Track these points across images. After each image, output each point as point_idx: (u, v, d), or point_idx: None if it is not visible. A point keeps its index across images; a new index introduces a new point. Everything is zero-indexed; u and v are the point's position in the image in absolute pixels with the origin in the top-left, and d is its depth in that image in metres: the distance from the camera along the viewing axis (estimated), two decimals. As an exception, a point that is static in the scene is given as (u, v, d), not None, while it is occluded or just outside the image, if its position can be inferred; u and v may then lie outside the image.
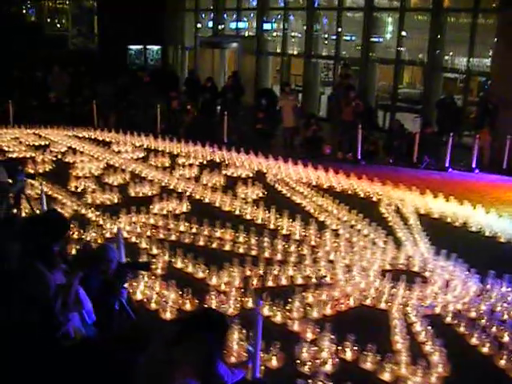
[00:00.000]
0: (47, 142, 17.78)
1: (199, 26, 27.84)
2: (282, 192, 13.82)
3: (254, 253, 10.14)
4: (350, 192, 14.05)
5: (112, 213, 11.35)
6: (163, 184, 13.77)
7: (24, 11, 26.55)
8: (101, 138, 18.50)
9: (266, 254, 10.08)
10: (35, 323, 5.19)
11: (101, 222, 11.09)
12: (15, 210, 9.49)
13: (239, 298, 8.33)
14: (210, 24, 27.79)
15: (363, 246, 10.52)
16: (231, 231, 10.80)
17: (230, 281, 8.93)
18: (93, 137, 18.73)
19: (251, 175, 15.05)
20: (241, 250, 10.25)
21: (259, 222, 11.69)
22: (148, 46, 28.34)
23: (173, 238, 10.64)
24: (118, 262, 6.50)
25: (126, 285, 6.71)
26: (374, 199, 13.62)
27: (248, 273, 9.17)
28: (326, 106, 24.13)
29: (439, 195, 13.48)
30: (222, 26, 26.83)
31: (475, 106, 20.23)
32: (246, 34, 26.54)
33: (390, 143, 17.89)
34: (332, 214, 12.18)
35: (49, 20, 26.81)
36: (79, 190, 13.14)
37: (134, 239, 10.40)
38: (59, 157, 16.11)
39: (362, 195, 13.90)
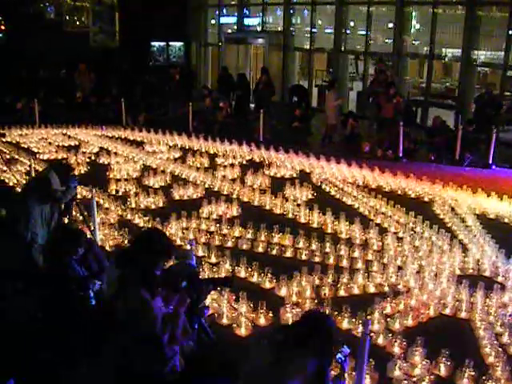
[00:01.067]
0: (77, 143, 17.13)
1: (223, 21, 27.02)
2: (331, 193, 13.20)
3: (317, 259, 9.62)
4: (399, 192, 13.40)
5: (160, 218, 10.75)
6: (206, 186, 13.08)
7: (42, 9, 25.53)
8: (132, 138, 17.85)
9: (331, 261, 9.50)
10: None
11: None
12: (66, 220, 8.83)
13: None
14: (233, 20, 27.03)
15: (428, 250, 9.97)
16: (290, 236, 10.14)
17: (300, 291, 8.30)
18: (123, 136, 18.06)
19: (295, 175, 14.39)
20: (303, 257, 9.65)
21: (315, 225, 11.03)
22: (171, 43, 27.58)
23: (229, 244, 10.02)
24: (198, 278, 5.95)
25: (206, 302, 6.16)
26: (426, 199, 13.04)
27: (317, 281, 8.66)
28: (356, 101, 23.48)
29: (489, 194, 12.91)
30: (247, 22, 26.04)
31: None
32: (272, 29, 25.73)
33: (431, 140, 17.17)
34: (388, 216, 11.65)
35: (68, 17, 25.87)
36: (120, 193, 12.44)
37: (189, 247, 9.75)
38: (93, 158, 15.39)
39: (412, 195, 13.33)
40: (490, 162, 16.49)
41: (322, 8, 24.32)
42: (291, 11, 24.74)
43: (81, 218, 9.18)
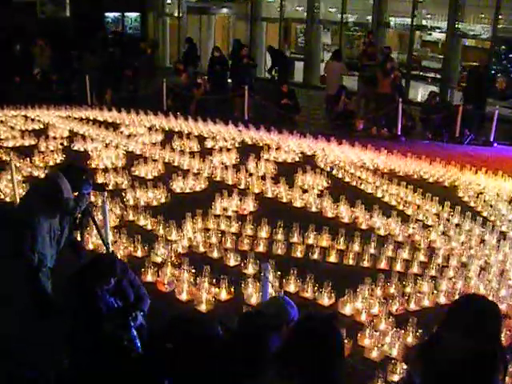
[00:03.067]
0: (42, 126, 15.10)
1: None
2: (345, 180, 11.71)
3: (366, 264, 8.29)
4: (415, 176, 12.10)
5: (165, 216, 9.21)
6: (206, 175, 11.41)
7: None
8: (101, 119, 15.82)
9: (383, 265, 8.09)
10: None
11: (161, 232, 8.98)
12: (79, 235, 7.10)
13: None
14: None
15: (478, 245, 8.93)
16: (326, 236, 8.65)
17: (366, 307, 6.93)
18: (91, 117, 16.00)
19: (297, 159, 12.86)
20: (350, 262, 8.18)
21: (345, 220, 9.61)
22: (126, 14, 25.42)
23: (261, 248, 8.42)
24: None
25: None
26: (446, 184, 11.92)
27: (379, 293, 7.40)
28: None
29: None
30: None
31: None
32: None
33: (428, 117, 15.96)
34: (417, 206, 10.45)
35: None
36: (110, 187, 10.65)
37: (215, 253, 8.22)
38: (65, 144, 13.46)
39: (429, 179, 12.11)
40: (492, 139, 15.26)
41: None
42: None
43: (95, 229, 7.42)
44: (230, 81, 18.04)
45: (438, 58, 21.69)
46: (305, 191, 10.80)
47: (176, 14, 24.96)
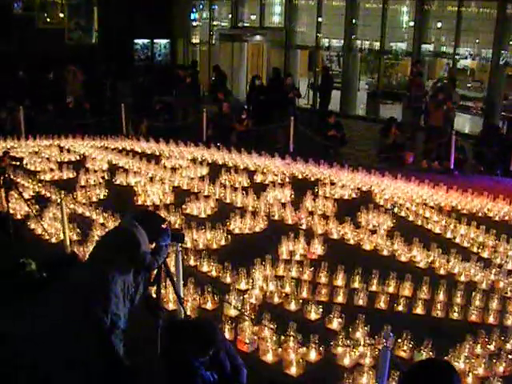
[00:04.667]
0: (78, 157, 14.38)
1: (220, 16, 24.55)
2: (409, 218, 10.92)
3: (455, 316, 7.53)
4: (480, 214, 11.27)
5: (230, 261, 8.46)
6: (263, 213, 10.63)
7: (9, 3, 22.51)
8: (139, 150, 15.09)
9: (474, 317, 7.28)
10: None
11: (228, 279, 8.30)
12: (154, 294, 6.30)
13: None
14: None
15: None
16: (407, 284, 7.87)
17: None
18: (128, 148, 15.29)
19: (356, 196, 12.10)
20: (438, 313, 7.38)
21: (422, 265, 8.81)
22: (155, 40, 24.88)
23: (340, 299, 7.66)
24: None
25: None
26: (512, 221, 10.95)
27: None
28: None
29: None
30: (242, 18, 23.63)
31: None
32: (271, 26, 23.38)
33: (481, 149, 15.18)
34: (492, 248, 9.72)
35: (39, 13, 22.94)
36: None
37: (293, 305, 7.50)
38: (106, 177, 12.73)
39: (494, 217, 11.38)
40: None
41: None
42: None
43: (170, 283, 6.64)
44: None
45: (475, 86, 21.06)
46: (372, 232, 9.93)
47: (207, 40, 24.35)
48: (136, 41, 24.79)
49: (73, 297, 5.67)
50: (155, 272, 6.06)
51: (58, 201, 9.22)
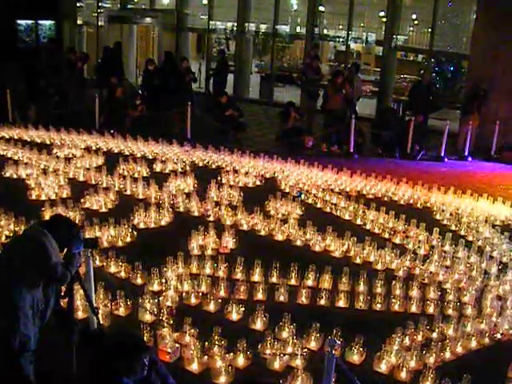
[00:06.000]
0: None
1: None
2: (317, 206, 10.75)
3: (379, 307, 7.42)
4: (385, 198, 11.31)
5: (139, 260, 7.84)
6: (166, 204, 10.10)
7: None
8: (28, 139, 14.09)
9: (397, 307, 7.36)
10: None
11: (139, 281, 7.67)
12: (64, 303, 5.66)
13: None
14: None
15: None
16: (327, 277, 7.64)
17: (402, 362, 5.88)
18: (16, 137, 14.23)
19: (260, 183, 11.79)
20: (361, 305, 7.20)
21: (338, 255, 8.62)
22: (40, 21, 23.42)
23: (260, 296, 7.28)
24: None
25: None
26: (419, 206, 11.32)
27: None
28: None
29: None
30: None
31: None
32: (161, 8, 22.61)
33: (378, 132, 15.31)
34: (402, 232, 9.75)
35: None
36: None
37: (212, 306, 7.04)
38: (-7, 171, 11.75)
39: (400, 201, 11.48)
40: (442, 154, 14.81)
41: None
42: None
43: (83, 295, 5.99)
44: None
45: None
46: (282, 221, 9.62)
47: (95, 23, 23.19)
48: (19, 22, 23.16)
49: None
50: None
51: None
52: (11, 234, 8.70)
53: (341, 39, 20.67)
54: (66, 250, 5.23)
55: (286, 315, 6.60)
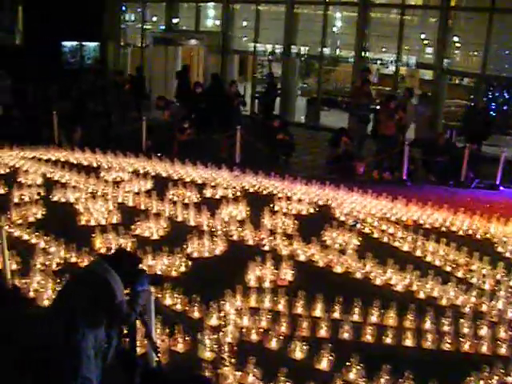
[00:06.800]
0: (8, 170, 13.16)
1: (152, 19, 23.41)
2: (374, 236, 10.35)
3: (448, 347, 6.90)
4: (443, 229, 10.87)
5: (194, 291, 7.55)
6: (219, 232, 9.77)
7: None
8: (75, 161, 13.98)
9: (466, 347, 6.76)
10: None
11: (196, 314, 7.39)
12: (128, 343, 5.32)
13: None
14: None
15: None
16: (392, 313, 7.23)
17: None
18: (62, 159, 14.12)
19: (314, 211, 11.44)
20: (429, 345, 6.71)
21: (399, 288, 8.23)
22: (84, 43, 23.55)
23: (323, 333, 6.86)
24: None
25: None
26: (478, 237, 10.82)
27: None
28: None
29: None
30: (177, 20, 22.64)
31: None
32: (207, 29, 22.52)
33: (433, 159, 14.82)
34: (464, 266, 9.26)
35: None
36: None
37: (274, 343, 6.65)
38: (42, 193, 11.58)
39: (458, 232, 10.99)
40: (498, 182, 14.41)
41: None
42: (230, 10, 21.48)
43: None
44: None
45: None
46: (340, 252, 9.24)
47: (139, 44, 23.21)
48: (64, 43, 23.30)
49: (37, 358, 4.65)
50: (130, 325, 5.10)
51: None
52: (62, 261, 8.42)
53: (384, 62, 20.23)
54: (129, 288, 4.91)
55: (353, 355, 6.15)
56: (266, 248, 9.45)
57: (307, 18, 20.76)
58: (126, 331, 5.07)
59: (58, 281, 7.65)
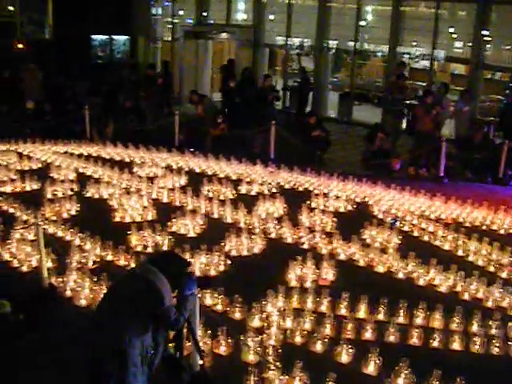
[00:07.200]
0: (40, 165, 13.04)
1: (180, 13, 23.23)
2: (414, 234, 10.08)
3: (496, 351, 6.71)
4: (483, 227, 10.50)
5: (235, 292, 7.40)
6: (257, 230, 9.59)
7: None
8: (107, 157, 13.88)
9: None
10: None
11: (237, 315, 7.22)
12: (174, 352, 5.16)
13: None
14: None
15: None
16: (439, 315, 6.99)
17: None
18: (94, 154, 14.03)
19: (351, 209, 11.19)
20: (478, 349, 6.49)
21: (443, 290, 7.96)
22: (114, 37, 23.46)
23: (368, 335, 6.67)
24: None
25: None
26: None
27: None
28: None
29: None
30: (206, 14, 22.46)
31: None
32: (238, 23, 22.31)
33: (471, 156, 14.49)
34: (509, 267, 8.96)
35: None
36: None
37: (319, 346, 6.45)
38: (75, 189, 11.47)
39: (499, 230, 10.70)
40: (537, 180, 13.97)
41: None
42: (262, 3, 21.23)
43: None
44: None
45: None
46: (381, 250, 9.01)
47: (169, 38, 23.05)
48: (94, 37, 23.25)
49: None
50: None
51: (31, 220, 7.89)
52: (98, 259, 8.30)
53: (415, 56, 19.85)
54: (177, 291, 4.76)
55: (402, 359, 5.94)
56: (305, 246, 9.19)
57: (338, 11, 20.31)
58: (172, 336, 4.90)
59: (95, 279, 7.51)
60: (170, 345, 5.01)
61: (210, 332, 6.42)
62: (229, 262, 8.48)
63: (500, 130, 15.57)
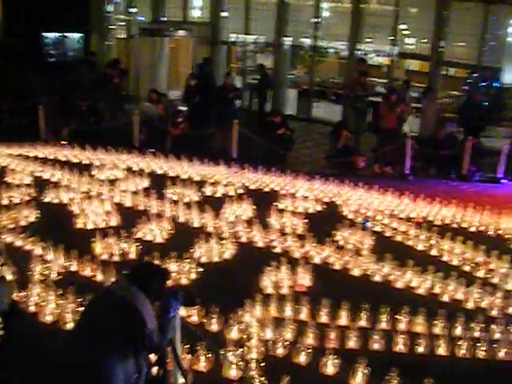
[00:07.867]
0: (-6, 169, 12.46)
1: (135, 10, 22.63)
2: (386, 234, 9.89)
3: (483, 354, 6.56)
4: (455, 225, 10.40)
5: (210, 302, 6.87)
6: (226, 234, 9.27)
7: None
8: (62, 158, 13.27)
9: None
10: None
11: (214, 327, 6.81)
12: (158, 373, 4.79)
13: None
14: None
15: None
16: (421, 319, 6.79)
17: None
18: (51, 156, 13.45)
19: (321, 209, 10.94)
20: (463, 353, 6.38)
21: (422, 292, 7.80)
22: (67, 34, 22.74)
23: (352, 344, 6.41)
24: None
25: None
26: (491, 233, 10.48)
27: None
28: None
29: None
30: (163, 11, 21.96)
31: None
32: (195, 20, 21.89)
33: (435, 153, 14.42)
34: (484, 266, 8.84)
35: None
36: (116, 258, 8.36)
37: (303, 357, 6.19)
38: (33, 195, 10.93)
39: (469, 228, 10.61)
40: (500, 175, 14.23)
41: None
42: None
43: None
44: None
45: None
46: (355, 253, 8.77)
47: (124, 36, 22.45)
48: (45, 34, 22.48)
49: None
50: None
51: None
52: (63, 271, 7.83)
53: (371, 52, 19.76)
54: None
55: (389, 368, 5.81)
56: (278, 250, 8.87)
57: (296, 8, 20.07)
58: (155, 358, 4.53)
59: (61, 292, 7.05)
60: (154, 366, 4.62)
61: (187, 347, 6.02)
62: (200, 269, 8.03)
63: (461, 127, 15.49)
